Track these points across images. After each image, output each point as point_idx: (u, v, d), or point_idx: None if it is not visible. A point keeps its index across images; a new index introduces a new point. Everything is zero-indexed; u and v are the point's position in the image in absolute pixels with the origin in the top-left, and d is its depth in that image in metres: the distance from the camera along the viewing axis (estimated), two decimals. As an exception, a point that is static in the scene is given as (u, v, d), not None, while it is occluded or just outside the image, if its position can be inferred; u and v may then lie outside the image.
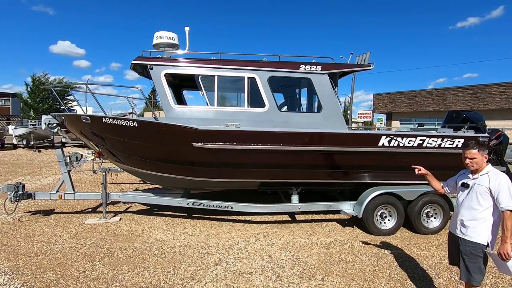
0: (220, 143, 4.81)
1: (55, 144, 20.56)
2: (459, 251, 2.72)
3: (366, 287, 3.48)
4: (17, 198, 5.37)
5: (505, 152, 5.63)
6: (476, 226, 2.62)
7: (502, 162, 5.48)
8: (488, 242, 2.58)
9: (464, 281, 2.77)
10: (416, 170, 3.16)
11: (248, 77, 5.26)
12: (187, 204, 5.37)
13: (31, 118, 31.56)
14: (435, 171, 3.35)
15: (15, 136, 18.42)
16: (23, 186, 5.50)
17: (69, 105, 31.76)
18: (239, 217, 5.88)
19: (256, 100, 5.28)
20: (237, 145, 4.83)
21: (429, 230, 5.21)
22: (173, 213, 6.10)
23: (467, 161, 2.70)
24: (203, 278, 3.61)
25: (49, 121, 19.27)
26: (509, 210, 2.44)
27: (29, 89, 33.44)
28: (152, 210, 6.36)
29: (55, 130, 20.16)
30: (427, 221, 5.27)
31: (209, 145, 4.79)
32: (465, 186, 2.75)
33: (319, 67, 5.34)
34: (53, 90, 6.52)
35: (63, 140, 19.23)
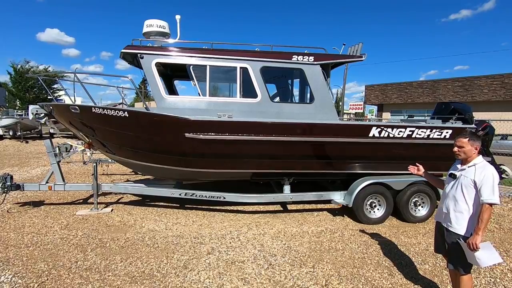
0: (212, 134, 4.80)
1: (43, 135, 20.14)
2: (445, 240, 2.76)
3: (355, 274, 3.59)
4: (5, 189, 5.27)
5: (491, 143, 5.78)
6: (459, 218, 2.63)
7: (488, 152, 5.63)
8: (471, 234, 2.55)
9: (450, 270, 2.84)
10: (414, 170, 3.12)
11: (241, 67, 5.22)
12: (180, 194, 5.38)
13: (17, 108, 30.69)
14: (424, 161, 3.44)
15: (0, 127, 17.94)
16: (11, 177, 5.40)
17: (56, 94, 30.93)
18: (232, 207, 5.93)
19: (248, 91, 5.26)
20: (229, 136, 4.82)
21: (416, 218, 5.36)
22: (165, 204, 6.11)
23: (455, 148, 2.69)
24: (196, 267, 3.66)
25: (37, 111, 18.75)
26: (488, 204, 2.44)
27: (12, 78, 32.32)
28: (144, 201, 6.35)
29: (42, 121, 19.67)
30: (415, 210, 5.42)
31: (201, 135, 4.77)
32: (452, 176, 2.74)
33: (311, 58, 5.34)
34: (40, 79, 6.34)
35: (51, 130, 18.84)
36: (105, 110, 4.85)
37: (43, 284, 3.24)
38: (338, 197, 5.51)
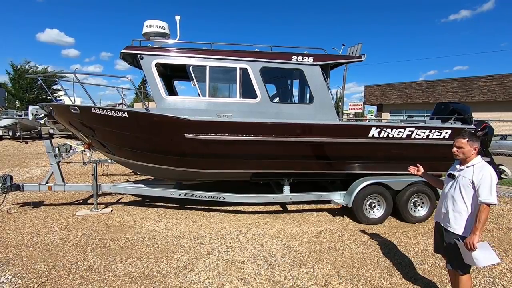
0: (212, 134, 4.80)
1: (43, 135, 20.12)
2: (444, 240, 2.77)
3: (355, 274, 3.59)
4: (5, 190, 5.27)
5: (490, 143, 5.79)
6: (458, 218, 2.64)
7: (487, 152, 5.64)
8: (469, 234, 2.55)
9: (449, 270, 2.85)
10: (414, 171, 3.12)
11: (240, 68, 5.23)
12: (179, 195, 5.38)
13: (16, 108, 30.66)
14: (423, 162, 3.45)
15: (0, 127, 17.93)
16: (11, 177, 5.40)
17: (56, 95, 30.93)
18: (231, 208, 5.93)
19: (248, 91, 5.27)
20: (229, 136, 4.83)
21: (416, 218, 5.37)
22: (165, 204, 6.11)
23: (454, 149, 2.70)
24: (196, 267, 3.66)
25: (36, 111, 18.74)
26: (486, 204, 2.45)
27: (11, 78, 32.29)
28: (144, 201, 6.35)
29: (42, 121, 19.65)
30: (414, 210, 5.43)
31: (201, 136, 4.77)
32: (451, 176, 2.75)
33: (311, 58, 5.35)
34: (40, 79, 6.35)
35: (51, 131, 18.83)
36: (105, 110, 4.86)
37: (43, 285, 3.24)
38: (338, 197, 5.51)
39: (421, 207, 5.46)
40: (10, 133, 18.10)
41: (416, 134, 5.19)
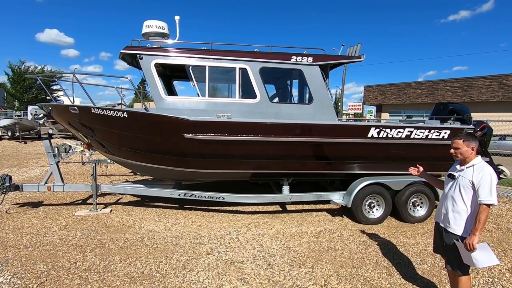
0: (212, 134, 4.80)
1: (42, 136, 20.09)
2: (443, 240, 2.78)
3: (354, 274, 3.60)
4: (4, 190, 5.27)
5: (489, 143, 5.80)
6: (458, 218, 2.64)
7: (486, 153, 5.65)
8: (469, 234, 2.54)
9: (448, 270, 2.85)
10: (414, 172, 3.12)
11: (240, 68, 5.23)
12: (179, 195, 5.38)
13: (15, 108, 30.61)
14: (422, 162, 3.46)
15: (-1, 127, 17.91)
16: (10, 178, 5.39)
17: (55, 95, 30.92)
18: (231, 208, 5.93)
19: (247, 91, 5.27)
20: (228, 136, 4.83)
21: (415, 219, 5.38)
22: (164, 204, 6.11)
23: (452, 150, 2.71)
24: (195, 267, 3.66)
25: (36, 111, 18.70)
26: (485, 204, 2.45)
27: (10, 78, 32.27)
28: (143, 201, 6.34)
29: (41, 121, 19.60)
30: (414, 210, 5.43)
31: (200, 136, 4.77)
32: (451, 177, 2.75)
33: (310, 59, 5.36)
34: (39, 79, 6.34)
35: (50, 131, 18.80)
36: (104, 110, 4.85)
37: (42, 285, 3.24)
38: (337, 198, 5.52)
39: (420, 207, 5.47)
40: (9, 133, 18.07)
41: (415, 134, 5.20)
